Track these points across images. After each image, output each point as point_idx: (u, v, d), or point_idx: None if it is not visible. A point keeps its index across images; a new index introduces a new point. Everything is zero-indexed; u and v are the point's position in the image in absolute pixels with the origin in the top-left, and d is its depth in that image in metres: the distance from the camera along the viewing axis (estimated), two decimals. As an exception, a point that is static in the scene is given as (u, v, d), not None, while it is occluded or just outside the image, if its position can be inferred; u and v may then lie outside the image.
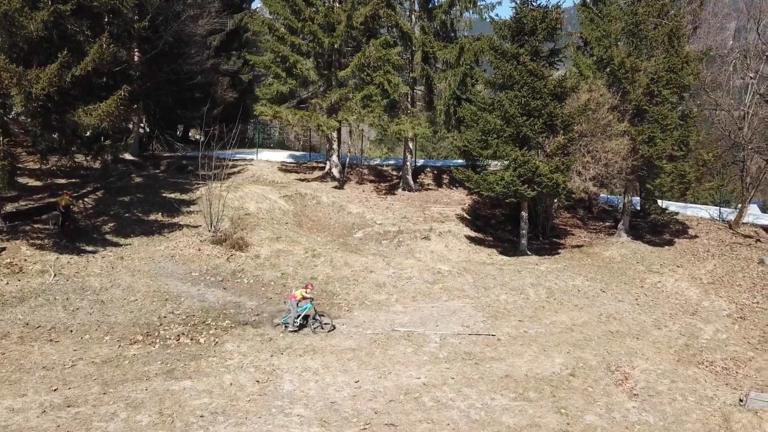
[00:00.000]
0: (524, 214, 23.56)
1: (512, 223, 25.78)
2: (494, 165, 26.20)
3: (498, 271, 20.62)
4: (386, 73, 26.10)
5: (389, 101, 27.09)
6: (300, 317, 15.64)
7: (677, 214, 26.16)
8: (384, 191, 29.09)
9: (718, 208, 33.68)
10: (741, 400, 13.07)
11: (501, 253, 23.60)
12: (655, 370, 14.87)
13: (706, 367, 15.51)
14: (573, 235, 27.05)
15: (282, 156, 33.49)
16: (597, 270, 22.11)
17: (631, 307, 19.07)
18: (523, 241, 23.72)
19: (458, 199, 28.63)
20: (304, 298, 15.56)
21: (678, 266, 22.82)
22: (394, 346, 15.02)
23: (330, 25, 27.34)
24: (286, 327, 15.58)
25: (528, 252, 23.64)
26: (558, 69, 24.13)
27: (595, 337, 16.51)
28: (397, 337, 15.59)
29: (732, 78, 27.50)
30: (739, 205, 30.57)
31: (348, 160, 31.03)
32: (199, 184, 24.28)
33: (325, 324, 15.79)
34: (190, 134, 45.59)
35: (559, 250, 24.37)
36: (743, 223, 29.02)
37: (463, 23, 29.05)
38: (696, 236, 26.42)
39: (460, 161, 28.47)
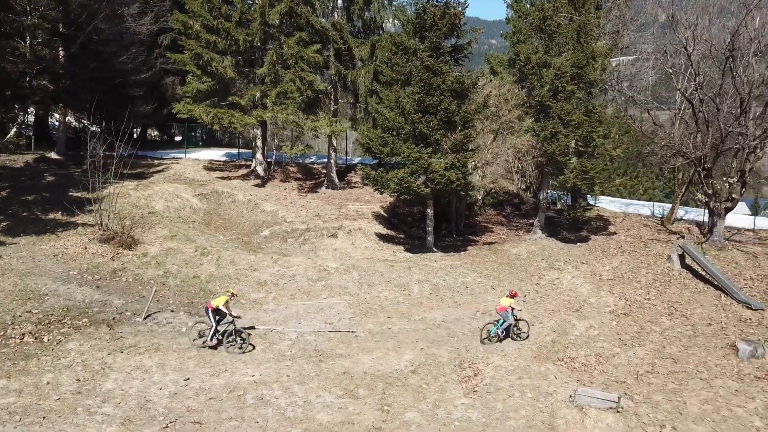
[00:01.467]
0: (429, 211, 23.42)
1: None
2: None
3: (388, 268, 20.47)
4: (300, 71, 25.95)
5: (308, 98, 26.93)
6: (506, 326, 16.06)
7: (592, 209, 26.05)
8: (307, 189, 28.94)
9: (652, 203, 33.87)
10: (570, 396, 12.92)
11: (407, 250, 23.46)
12: (507, 367, 14.69)
13: (565, 363, 15.35)
14: (492, 232, 26.89)
15: (213, 154, 33.29)
16: (497, 267, 21.98)
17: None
18: (429, 238, 23.58)
19: (380, 198, 28.41)
20: (512, 308, 15.99)
21: (582, 263, 22.67)
22: (245, 344, 14.88)
23: (247, 23, 27.23)
24: (491, 339, 15.94)
25: (434, 249, 23.48)
26: (463, 65, 23.95)
27: (461, 334, 16.37)
28: (253, 335, 15.44)
29: (650, 74, 27.35)
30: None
31: (275, 157, 30.87)
32: (112, 183, 24.09)
33: (522, 333, 16.36)
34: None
35: (469, 247, 24.23)
36: (677, 220, 29.03)
37: (388, 20, 28.97)
38: (615, 233, 26.28)
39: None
